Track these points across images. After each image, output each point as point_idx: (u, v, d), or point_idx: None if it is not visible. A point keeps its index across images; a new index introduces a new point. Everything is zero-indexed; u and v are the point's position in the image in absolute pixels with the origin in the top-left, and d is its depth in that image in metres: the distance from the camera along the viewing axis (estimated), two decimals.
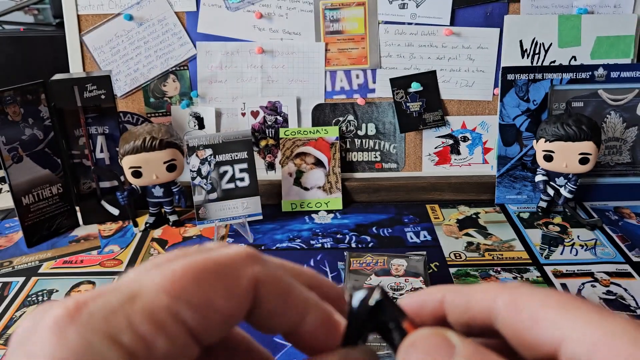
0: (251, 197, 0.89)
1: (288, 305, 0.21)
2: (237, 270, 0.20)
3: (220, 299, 0.19)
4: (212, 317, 0.19)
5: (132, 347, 0.17)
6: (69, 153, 0.90)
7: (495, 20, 0.94)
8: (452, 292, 0.23)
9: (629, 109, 0.94)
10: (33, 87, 0.84)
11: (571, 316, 0.19)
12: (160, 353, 0.18)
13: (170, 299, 0.18)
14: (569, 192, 0.89)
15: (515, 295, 0.21)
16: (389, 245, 0.85)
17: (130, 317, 0.18)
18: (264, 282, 0.21)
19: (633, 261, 0.80)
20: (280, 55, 0.96)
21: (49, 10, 1.28)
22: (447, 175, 1.00)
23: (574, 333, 0.19)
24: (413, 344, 0.20)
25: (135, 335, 0.17)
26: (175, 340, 0.18)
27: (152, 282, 0.19)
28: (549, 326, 0.19)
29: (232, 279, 0.20)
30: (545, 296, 0.20)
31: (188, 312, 0.19)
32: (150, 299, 0.18)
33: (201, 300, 0.19)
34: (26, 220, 0.86)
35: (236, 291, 0.20)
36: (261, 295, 0.21)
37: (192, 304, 0.19)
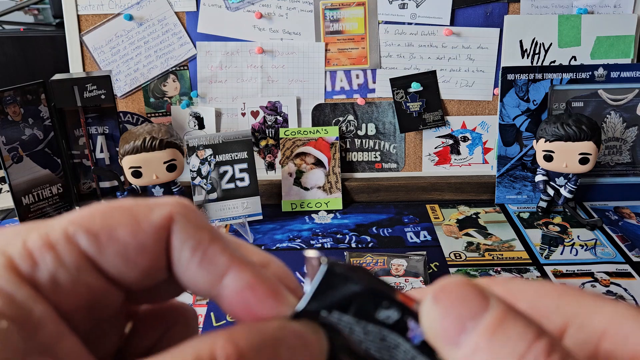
0: (251, 197, 0.89)
1: (204, 257, 0.19)
2: (152, 208, 0.19)
3: (122, 229, 0.19)
4: (111, 246, 0.18)
5: (16, 259, 0.17)
6: (69, 153, 0.90)
7: (495, 20, 0.94)
8: None
9: (629, 109, 0.94)
10: (33, 87, 0.84)
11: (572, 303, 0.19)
12: (45, 270, 0.18)
13: (67, 223, 0.18)
14: (569, 192, 0.89)
15: (509, 288, 0.20)
16: (389, 245, 0.85)
17: (24, 236, 0.18)
18: (179, 223, 0.19)
19: (633, 261, 0.80)
20: (280, 55, 0.96)
21: (49, 10, 1.28)
22: (447, 175, 1.00)
23: (580, 319, 0.18)
24: (445, 290, 0.18)
25: (23, 249, 0.18)
26: (64, 259, 0.18)
27: (63, 215, 0.19)
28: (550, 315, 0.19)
29: (143, 214, 0.19)
30: (541, 286, 0.20)
31: (83, 236, 0.18)
32: (50, 223, 0.19)
33: (100, 227, 0.18)
34: (26, 220, 0.86)
35: (143, 226, 0.19)
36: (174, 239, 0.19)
37: (89, 229, 0.18)
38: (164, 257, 0.19)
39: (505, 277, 0.21)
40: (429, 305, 0.18)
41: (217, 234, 0.20)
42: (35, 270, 0.17)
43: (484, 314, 0.17)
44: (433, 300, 0.18)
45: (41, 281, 0.18)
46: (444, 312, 0.18)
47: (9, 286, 0.17)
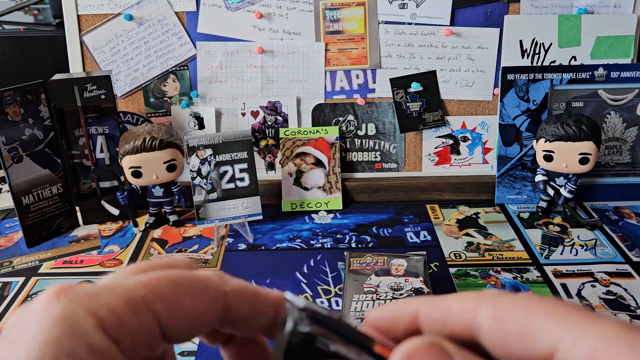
0: (251, 197, 0.89)
1: (258, 305, 0.24)
2: (207, 279, 0.23)
3: (188, 299, 0.22)
4: (180, 313, 0.22)
5: (107, 322, 0.20)
6: (69, 153, 0.90)
7: (495, 20, 0.94)
8: (426, 305, 0.21)
9: (629, 109, 0.94)
10: (33, 87, 0.84)
11: (562, 324, 0.18)
12: (130, 331, 0.20)
13: (146, 291, 0.21)
14: (569, 192, 0.89)
15: (497, 306, 0.20)
16: (389, 245, 0.85)
17: (110, 298, 0.20)
18: (231, 289, 0.23)
19: (633, 261, 0.80)
20: (280, 55, 0.96)
21: (49, 10, 1.28)
22: (447, 175, 1.00)
23: (568, 341, 0.18)
24: (411, 356, 0.18)
25: (112, 312, 0.20)
26: (144, 324, 0.21)
27: (133, 279, 0.22)
28: (539, 337, 0.18)
29: (201, 285, 0.23)
30: (530, 304, 0.19)
31: (160, 305, 0.21)
32: (129, 288, 0.21)
33: (172, 297, 0.22)
34: (26, 220, 0.86)
35: (204, 294, 0.22)
36: (230, 300, 0.23)
37: (164, 299, 0.21)
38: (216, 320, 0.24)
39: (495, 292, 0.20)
40: None
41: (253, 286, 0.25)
42: (120, 332, 0.20)
43: None
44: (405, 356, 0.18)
45: (123, 342, 0.20)
46: None
47: (101, 343, 0.19)
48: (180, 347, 0.64)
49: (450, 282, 0.76)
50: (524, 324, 0.19)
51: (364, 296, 0.71)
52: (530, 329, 0.19)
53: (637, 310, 0.70)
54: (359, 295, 0.71)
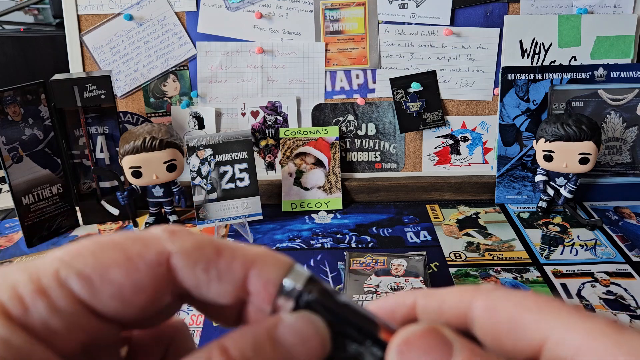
0: (251, 197, 0.89)
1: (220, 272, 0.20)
2: (144, 243, 0.19)
3: (115, 270, 0.18)
4: (106, 289, 0.18)
5: (7, 305, 0.17)
6: (69, 153, 0.90)
7: (495, 20, 0.94)
8: (423, 297, 0.22)
9: (629, 109, 0.94)
10: (33, 87, 0.84)
11: (552, 318, 0.19)
12: (38, 316, 0.17)
13: (59, 265, 0.18)
14: (569, 192, 0.89)
15: (491, 298, 0.20)
16: (389, 245, 0.85)
17: (14, 279, 0.18)
18: (179, 254, 0.19)
19: (633, 261, 0.80)
20: (280, 55, 0.96)
21: (49, 10, 1.28)
22: (447, 175, 1.00)
23: (556, 335, 0.18)
24: (408, 342, 0.19)
25: (14, 294, 0.17)
26: (57, 305, 0.18)
27: (52, 254, 0.19)
28: (529, 329, 0.19)
29: (137, 249, 0.19)
30: (523, 299, 0.20)
31: (76, 281, 0.18)
32: (40, 264, 0.18)
33: (93, 270, 0.18)
34: (26, 220, 0.86)
35: (139, 261, 0.19)
36: (178, 265, 0.19)
37: (82, 273, 0.18)
38: (165, 290, 0.19)
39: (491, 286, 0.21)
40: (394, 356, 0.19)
41: (216, 243, 0.20)
42: (27, 316, 0.17)
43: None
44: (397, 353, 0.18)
45: (35, 326, 0.17)
46: None
47: (3, 331, 0.17)
48: None
49: (450, 282, 0.76)
50: (515, 316, 0.19)
51: (364, 296, 0.71)
52: (521, 321, 0.19)
53: (637, 310, 0.70)
54: (359, 295, 0.71)
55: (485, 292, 0.20)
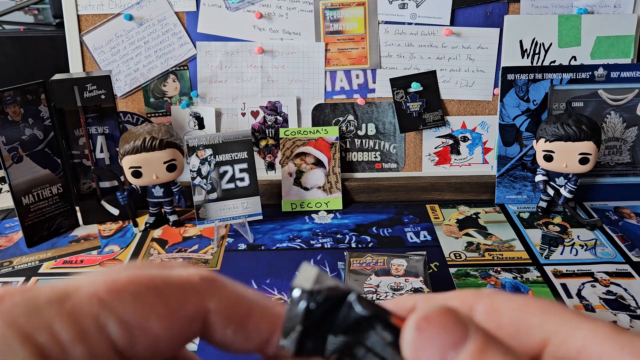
0: (251, 197, 0.89)
1: (247, 330, 0.21)
2: (185, 294, 0.19)
3: (156, 322, 0.18)
4: (143, 339, 0.18)
5: (46, 350, 0.17)
6: (69, 153, 0.90)
7: (495, 20, 0.94)
8: (424, 301, 0.22)
9: (629, 109, 0.94)
10: (33, 87, 0.84)
11: (554, 320, 0.19)
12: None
13: (100, 309, 0.18)
14: (569, 192, 0.89)
15: (494, 301, 0.20)
16: (389, 245, 0.85)
17: (52, 318, 0.17)
18: (216, 308, 0.20)
19: (633, 261, 0.80)
20: (280, 55, 0.96)
21: (49, 10, 1.28)
22: (447, 175, 1.00)
23: (559, 336, 0.19)
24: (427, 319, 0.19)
25: (53, 338, 0.17)
26: (95, 352, 0.17)
27: (89, 287, 0.18)
28: (532, 330, 0.19)
29: (178, 299, 0.19)
30: (525, 301, 0.20)
31: (116, 329, 0.18)
32: (79, 303, 0.18)
33: (134, 319, 0.18)
34: (26, 220, 0.86)
35: (178, 318, 0.19)
36: (213, 322, 0.20)
37: (123, 321, 0.18)
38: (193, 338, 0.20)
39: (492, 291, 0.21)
40: (411, 332, 0.19)
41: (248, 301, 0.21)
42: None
43: (464, 344, 0.18)
44: (415, 330, 0.19)
45: None
46: (426, 340, 0.18)
47: None
48: None
49: (450, 282, 0.76)
50: (518, 318, 0.20)
51: (363, 296, 0.71)
52: (524, 323, 0.19)
53: (637, 310, 0.70)
54: None
55: (487, 296, 0.21)
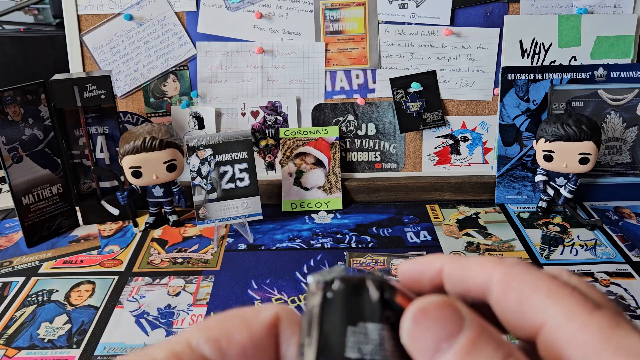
0: (251, 197, 0.89)
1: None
2: (258, 309, 0.23)
3: (238, 332, 0.22)
4: (232, 349, 0.21)
5: None
6: (69, 153, 0.90)
7: (495, 20, 0.94)
8: (450, 263, 0.24)
9: (629, 109, 0.94)
10: (33, 87, 0.84)
11: (555, 305, 0.20)
12: None
13: (190, 334, 0.21)
14: (569, 192, 0.89)
15: (508, 274, 0.21)
16: (389, 245, 0.85)
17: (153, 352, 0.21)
18: (285, 320, 0.23)
19: (633, 261, 0.80)
20: (280, 55, 0.96)
21: (49, 10, 1.28)
22: (447, 175, 1.00)
23: (554, 322, 0.19)
24: (424, 311, 0.20)
25: None
26: None
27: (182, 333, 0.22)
28: (532, 310, 0.20)
29: (252, 316, 0.22)
30: (537, 280, 0.21)
31: (206, 345, 0.21)
32: (174, 339, 0.22)
33: (220, 334, 0.21)
34: (26, 220, 0.86)
35: (255, 326, 0.22)
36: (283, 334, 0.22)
37: (210, 337, 0.21)
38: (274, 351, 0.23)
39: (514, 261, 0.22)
40: (409, 323, 0.20)
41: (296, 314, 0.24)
42: None
43: (458, 335, 0.19)
44: (412, 320, 0.20)
45: None
46: (421, 331, 0.19)
47: None
48: None
49: None
50: (524, 296, 0.20)
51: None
52: (528, 302, 0.20)
53: (637, 310, 0.70)
54: None
55: (505, 267, 0.22)
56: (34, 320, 0.70)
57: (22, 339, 0.67)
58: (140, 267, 0.81)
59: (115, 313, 0.71)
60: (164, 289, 0.75)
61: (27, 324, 0.69)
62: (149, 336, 0.67)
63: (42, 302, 0.73)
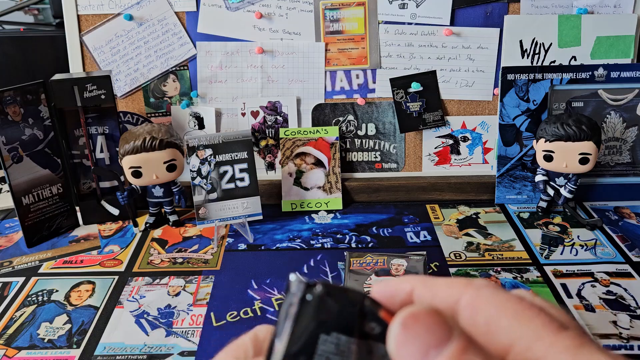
0: (251, 197, 0.89)
1: None
2: None
3: None
4: None
5: None
6: (69, 153, 0.90)
7: (495, 20, 0.94)
8: (420, 285, 0.24)
9: (629, 109, 0.94)
10: (33, 87, 0.84)
11: (522, 327, 0.20)
12: None
13: None
14: (569, 192, 0.89)
15: (476, 297, 0.21)
16: (389, 245, 0.85)
17: None
18: None
19: (633, 261, 0.80)
20: (280, 55, 0.96)
21: (49, 10, 1.28)
22: (447, 175, 1.00)
23: (522, 343, 0.20)
24: (414, 317, 0.20)
25: None
26: None
27: None
28: (501, 331, 0.20)
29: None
30: (504, 302, 0.21)
31: None
32: None
33: None
34: (26, 220, 0.86)
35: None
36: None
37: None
38: None
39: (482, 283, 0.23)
40: (397, 328, 0.20)
41: None
42: None
43: (446, 344, 0.19)
44: (401, 326, 0.20)
45: None
46: (410, 337, 0.19)
47: None
48: (181, 347, 0.64)
49: None
50: (492, 318, 0.21)
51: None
52: (496, 324, 0.20)
53: (637, 310, 0.70)
54: None
55: (474, 289, 0.22)
56: (34, 320, 0.70)
57: (22, 339, 0.67)
58: (140, 267, 0.81)
59: (115, 313, 0.71)
60: (164, 289, 0.76)
61: (27, 324, 0.69)
62: (149, 336, 0.67)
63: (42, 302, 0.73)
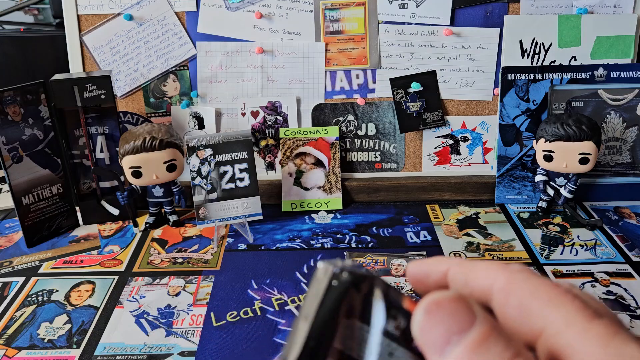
0: (251, 197, 0.89)
1: None
2: None
3: None
4: None
5: None
6: (69, 153, 0.90)
7: (495, 20, 0.94)
8: (456, 266, 0.24)
9: (629, 109, 0.94)
10: (33, 87, 0.84)
11: (555, 312, 0.20)
12: None
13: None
14: (569, 192, 0.89)
15: (510, 280, 0.22)
16: (389, 245, 0.85)
17: None
18: None
19: (633, 261, 0.80)
20: (280, 55, 0.96)
21: (49, 10, 1.28)
22: (447, 175, 1.00)
23: (553, 328, 0.20)
24: (438, 303, 0.20)
25: None
26: None
27: None
28: (533, 316, 0.20)
29: None
30: (537, 286, 0.21)
31: None
32: None
33: None
34: (26, 220, 0.86)
35: None
36: None
37: None
38: None
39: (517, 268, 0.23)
40: (421, 314, 0.20)
41: None
42: None
43: (469, 330, 0.19)
44: (425, 311, 0.20)
45: None
46: (433, 323, 0.20)
47: None
48: (181, 347, 0.64)
49: None
50: (525, 302, 0.21)
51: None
52: (528, 308, 0.21)
53: (637, 310, 0.70)
54: None
55: (508, 273, 0.22)
56: (34, 320, 0.70)
57: (22, 339, 0.67)
58: (140, 267, 0.81)
59: (115, 313, 0.71)
60: (164, 289, 0.76)
61: (27, 324, 0.69)
62: (149, 336, 0.67)
63: (42, 302, 0.73)
